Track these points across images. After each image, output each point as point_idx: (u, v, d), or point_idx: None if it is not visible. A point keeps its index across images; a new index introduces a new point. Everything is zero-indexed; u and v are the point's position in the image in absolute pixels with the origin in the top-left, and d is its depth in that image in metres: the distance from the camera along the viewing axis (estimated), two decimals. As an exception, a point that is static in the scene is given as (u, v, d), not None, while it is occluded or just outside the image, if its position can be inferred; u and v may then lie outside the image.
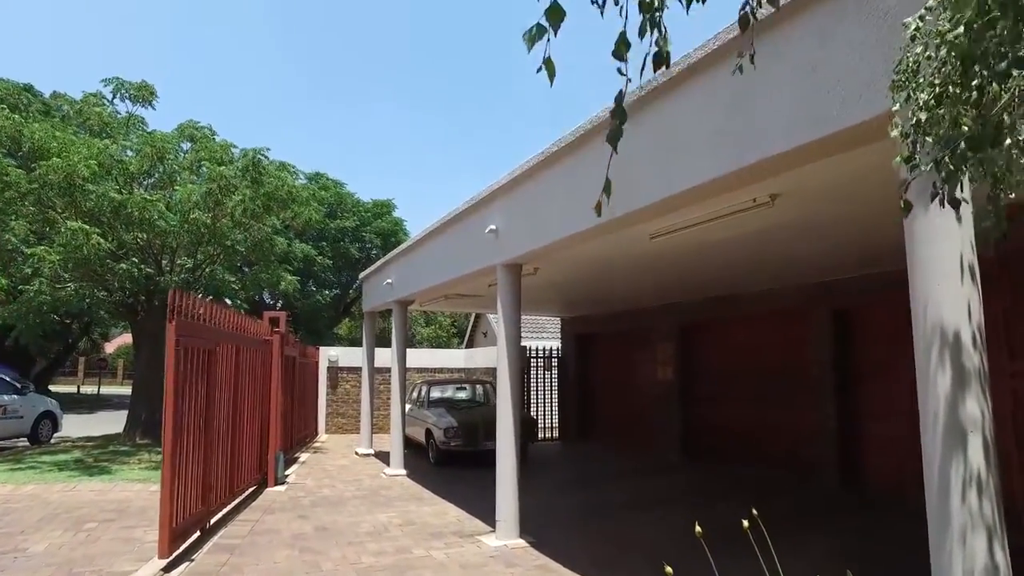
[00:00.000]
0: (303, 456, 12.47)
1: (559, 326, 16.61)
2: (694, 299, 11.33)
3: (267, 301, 24.04)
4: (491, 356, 17.19)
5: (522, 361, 12.41)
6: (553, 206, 5.82)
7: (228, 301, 14.76)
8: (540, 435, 14.45)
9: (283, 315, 10.28)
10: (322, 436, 16.10)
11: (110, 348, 48.76)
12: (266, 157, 11.85)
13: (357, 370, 16.27)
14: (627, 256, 7.25)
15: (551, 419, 15.47)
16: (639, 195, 4.49)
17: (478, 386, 13.71)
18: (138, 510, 7.37)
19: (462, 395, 13.77)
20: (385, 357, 13.66)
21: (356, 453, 12.85)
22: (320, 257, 24.99)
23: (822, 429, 8.96)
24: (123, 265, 10.97)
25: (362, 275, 13.98)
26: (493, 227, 6.87)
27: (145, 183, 12.37)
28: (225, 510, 7.40)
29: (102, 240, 9.87)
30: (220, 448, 7.18)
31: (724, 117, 3.74)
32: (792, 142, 3.32)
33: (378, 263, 12.50)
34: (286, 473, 10.06)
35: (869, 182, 4.24)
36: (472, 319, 30.29)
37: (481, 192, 7.29)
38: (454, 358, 18.83)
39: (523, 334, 7.21)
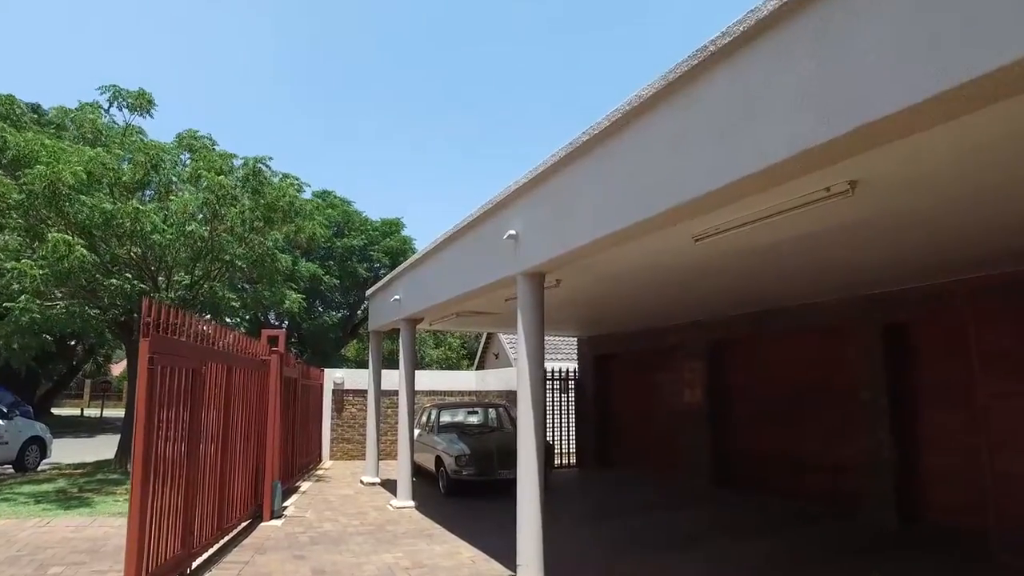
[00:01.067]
0: (304, 485, 11.67)
1: (575, 346, 15.80)
2: (726, 314, 10.51)
3: (272, 321, 23.35)
4: (503, 378, 16.40)
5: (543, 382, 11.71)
6: (583, 204, 5.08)
7: (228, 320, 14.08)
8: (556, 462, 13.61)
9: (282, 333, 9.55)
10: (326, 463, 15.26)
11: (116, 370, 48.19)
12: (268, 167, 11.23)
13: (363, 393, 15.43)
14: (662, 264, 6.49)
15: (567, 445, 14.60)
16: (693, 183, 3.76)
17: (491, 410, 12.91)
18: (114, 550, 6.57)
19: (474, 419, 13.00)
20: (393, 379, 12.89)
21: (361, 482, 12.03)
22: (327, 277, 24.31)
23: (874, 459, 8.08)
24: (114, 280, 10.29)
25: (368, 292, 13.28)
26: (512, 232, 6.14)
27: (140, 195, 11.74)
28: (212, 550, 6.61)
29: (86, 252, 9.19)
30: (206, 481, 6.42)
31: (810, 77, 3.01)
32: (904, 101, 2.58)
33: (385, 279, 11.80)
34: (284, 505, 9.27)
35: (992, 156, 3.46)
36: (483, 340, 29.52)
37: (499, 194, 6.56)
38: (465, 380, 18.05)
39: (543, 353, 6.41)
